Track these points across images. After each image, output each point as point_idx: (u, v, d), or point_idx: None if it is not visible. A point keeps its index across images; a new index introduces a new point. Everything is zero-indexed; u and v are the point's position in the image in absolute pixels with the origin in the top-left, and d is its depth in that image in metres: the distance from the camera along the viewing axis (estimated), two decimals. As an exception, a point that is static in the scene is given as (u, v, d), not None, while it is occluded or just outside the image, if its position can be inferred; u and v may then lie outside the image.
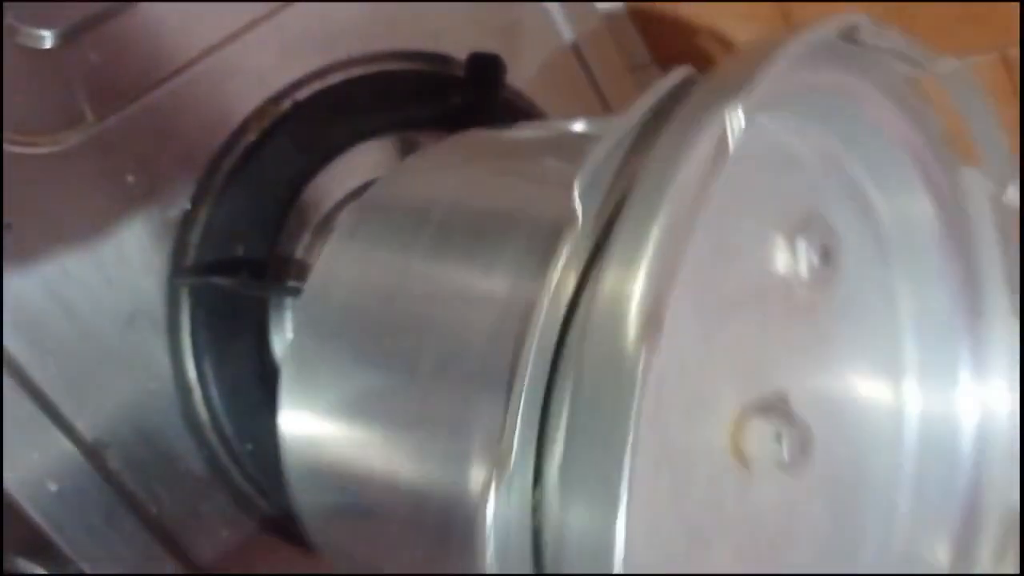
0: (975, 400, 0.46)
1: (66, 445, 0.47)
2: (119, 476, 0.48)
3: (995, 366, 0.46)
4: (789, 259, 0.41)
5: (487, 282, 0.38)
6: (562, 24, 0.65)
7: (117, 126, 0.50)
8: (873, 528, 0.46)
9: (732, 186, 0.37)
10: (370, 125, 0.56)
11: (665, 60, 0.69)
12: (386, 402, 0.40)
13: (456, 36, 0.59)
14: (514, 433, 0.31)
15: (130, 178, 0.50)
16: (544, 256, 0.32)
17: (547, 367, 0.32)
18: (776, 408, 0.40)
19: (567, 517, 0.31)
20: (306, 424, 0.42)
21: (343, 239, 0.44)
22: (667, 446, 0.37)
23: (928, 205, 0.45)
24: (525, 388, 0.31)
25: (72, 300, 0.48)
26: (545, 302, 0.32)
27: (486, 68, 0.58)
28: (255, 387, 0.51)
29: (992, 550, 0.45)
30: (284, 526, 0.52)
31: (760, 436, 0.39)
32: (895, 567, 0.46)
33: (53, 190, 0.48)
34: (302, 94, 0.54)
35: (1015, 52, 0.55)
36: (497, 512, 0.31)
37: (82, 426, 0.48)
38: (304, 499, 0.43)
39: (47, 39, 0.48)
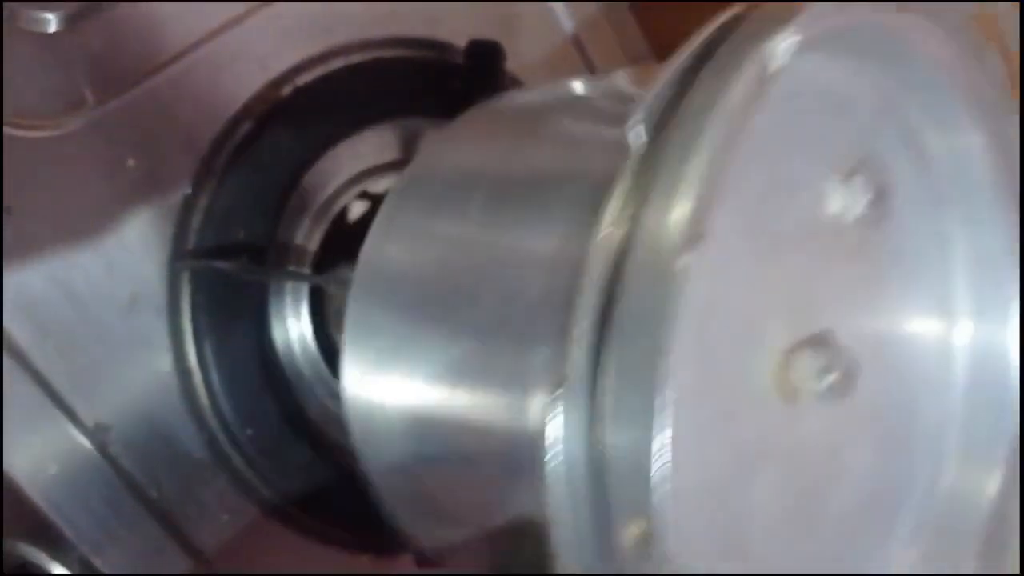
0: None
1: (66, 428, 0.47)
2: (119, 459, 0.48)
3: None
4: (842, 199, 0.41)
5: (538, 241, 0.39)
6: (561, 13, 0.65)
7: (118, 110, 0.50)
8: (922, 467, 0.46)
9: (786, 126, 0.39)
10: (370, 111, 0.56)
11: (663, 53, 0.69)
12: (446, 358, 0.41)
13: (455, 23, 0.59)
14: (573, 356, 0.32)
15: (131, 162, 0.50)
16: (588, 213, 0.33)
17: (605, 298, 0.32)
18: (823, 343, 0.40)
19: (615, 440, 0.32)
20: (369, 384, 0.43)
21: (393, 210, 0.44)
22: (712, 375, 0.37)
23: (985, 148, 0.44)
24: (589, 307, 0.32)
25: (72, 283, 0.48)
26: (602, 235, 0.33)
27: (485, 55, 0.58)
28: (255, 371, 0.52)
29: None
30: (284, 511, 0.52)
31: (806, 369, 0.39)
32: (943, 505, 0.46)
33: (54, 174, 0.48)
34: (303, 79, 0.54)
35: (1014, 47, 0.55)
36: (559, 431, 0.32)
37: (82, 409, 0.48)
38: (371, 453, 0.44)
39: (49, 23, 0.48)
